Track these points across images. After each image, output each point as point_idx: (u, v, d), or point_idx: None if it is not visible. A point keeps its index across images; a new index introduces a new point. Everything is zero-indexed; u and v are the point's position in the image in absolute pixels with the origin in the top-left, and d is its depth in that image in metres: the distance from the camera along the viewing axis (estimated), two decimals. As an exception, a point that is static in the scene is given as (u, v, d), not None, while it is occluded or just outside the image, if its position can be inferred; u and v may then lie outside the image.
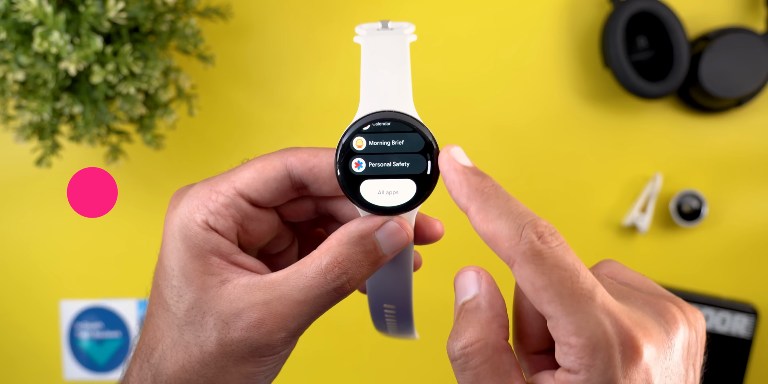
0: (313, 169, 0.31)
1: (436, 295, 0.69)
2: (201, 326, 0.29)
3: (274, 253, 0.35)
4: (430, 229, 0.32)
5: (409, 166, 0.29)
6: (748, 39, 0.62)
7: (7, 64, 0.53)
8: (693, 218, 0.66)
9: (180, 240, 0.30)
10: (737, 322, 0.66)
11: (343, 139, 0.29)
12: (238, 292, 0.29)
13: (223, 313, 0.29)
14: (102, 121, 0.57)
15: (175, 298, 0.30)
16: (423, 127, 0.29)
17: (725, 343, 0.66)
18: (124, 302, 0.71)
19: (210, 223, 0.30)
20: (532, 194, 0.68)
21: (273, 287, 0.29)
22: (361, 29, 0.31)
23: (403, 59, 0.30)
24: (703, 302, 0.66)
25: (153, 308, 0.31)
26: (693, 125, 0.67)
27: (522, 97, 0.68)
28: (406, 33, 0.31)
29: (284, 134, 0.69)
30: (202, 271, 0.30)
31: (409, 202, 0.29)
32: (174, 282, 0.30)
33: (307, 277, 0.29)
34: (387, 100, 0.29)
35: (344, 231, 0.29)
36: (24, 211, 0.71)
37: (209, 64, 0.62)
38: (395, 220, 0.30)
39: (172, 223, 0.30)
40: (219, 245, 0.30)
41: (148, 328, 0.31)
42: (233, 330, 0.29)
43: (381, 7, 0.68)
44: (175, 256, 0.30)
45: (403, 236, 0.30)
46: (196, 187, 0.31)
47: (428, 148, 0.29)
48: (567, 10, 0.67)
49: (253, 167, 0.31)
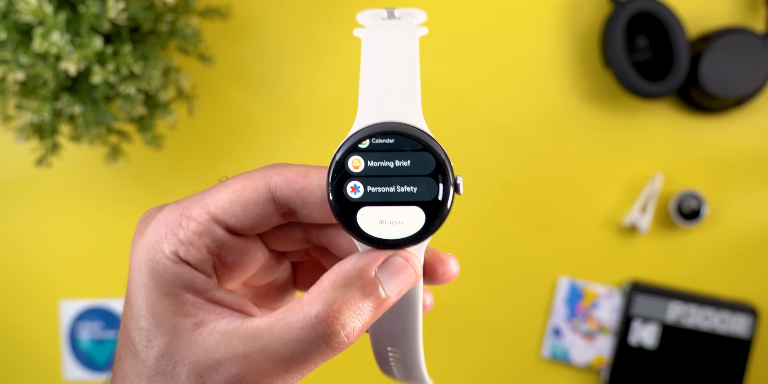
0: (301, 192, 0.26)
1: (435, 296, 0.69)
2: (173, 378, 0.25)
3: (261, 283, 0.31)
4: (442, 266, 0.27)
5: (417, 192, 0.24)
6: (748, 39, 0.62)
7: (7, 64, 0.53)
8: (693, 218, 0.66)
9: (147, 275, 0.25)
10: (737, 322, 0.66)
11: (336, 157, 0.24)
12: (214, 339, 0.25)
13: (198, 364, 0.25)
14: (102, 121, 0.57)
15: (143, 343, 0.25)
16: (434, 142, 0.24)
17: (725, 343, 0.66)
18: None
19: (180, 255, 0.26)
20: (532, 194, 0.68)
21: (254, 337, 0.24)
22: (363, 18, 0.27)
23: (410, 61, 0.25)
24: (703, 302, 0.66)
25: (121, 351, 0.27)
26: (693, 125, 0.67)
27: (522, 97, 0.68)
28: (414, 24, 0.26)
29: (284, 134, 0.69)
30: (173, 311, 0.25)
31: (416, 234, 0.24)
32: (142, 323, 0.25)
33: (294, 328, 0.24)
34: (390, 110, 0.25)
35: (339, 270, 0.25)
36: (24, 211, 0.71)
37: (209, 64, 0.62)
38: (400, 254, 0.25)
39: (138, 254, 0.26)
40: (192, 280, 0.26)
41: (116, 376, 0.27)
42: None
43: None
44: (143, 294, 0.25)
45: (411, 274, 0.25)
46: (165, 211, 0.26)
47: (440, 169, 0.24)
48: (567, 10, 0.67)
49: (230, 188, 0.26)
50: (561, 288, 0.68)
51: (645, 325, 0.66)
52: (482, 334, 0.69)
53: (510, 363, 0.69)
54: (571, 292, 0.67)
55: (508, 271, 0.69)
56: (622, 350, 0.66)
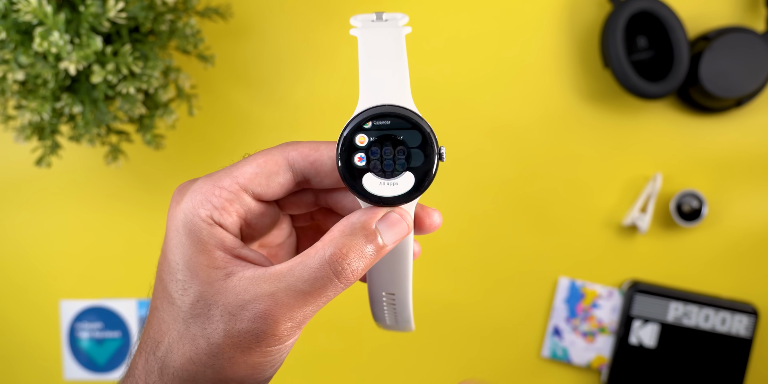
0: (315, 163, 0.31)
1: (436, 296, 0.69)
2: (207, 319, 0.30)
3: (274, 245, 0.36)
4: (428, 218, 0.33)
5: (408, 160, 0.30)
6: (748, 39, 0.62)
7: (7, 64, 0.53)
8: (693, 218, 0.66)
9: (185, 234, 0.30)
10: (737, 322, 0.66)
11: (344, 134, 0.30)
12: (243, 284, 0.30)
13: (229, 305, 0.29)
14: (102, 121, 0.57)
15: (180, 292, 0.30)
16: (422, 120, 0.30)
17: (725, 343, 0.66)
18: (124, 302, 0.71)
19: (214, 219, 0.31)
20: (532, 194, 0.68)
21: (278, 279, 0.29)
22: (356, 21, 0.32)
23: (399, 53, 0.30)
24: (703, 302, 0.66)
25: (157, 302, 0.31)
26: (693, 125, 0.67)
27: (522, 97, 0.68)
28: (400, 25, 0.31)
29: (284, 134, 0.69)
30: (207, 264, 0.30)
31: (407, 193, 0.30)
32: (179, 276, 0.30)
33: (311, 268, 0.29)
34: (385, 94, 0.30)
35: (346, 222, 0.30)
36: (24, 210, 0.71)
37: (209, 64, 0.62)
38: (396, 210, 0.31)
39: (176, 218, 0.31)
40: (223, 240, 0.30)
41: (152, 322, 0.31)
42: (240, 321, 0.29)
43: (380, 8, 0.68)
44: (180, 251, 0.30)
45: (404, 226, 0.31)
46: (199, 183, 0.32)
47: (426, 141, 0.30)
48: (567, 10, 0.67)
49: (255, 162, 0.32)
50: (561, 288, 0.68)
51: (645, 325, 0.66)
52: (482, 334, 0.69)
53: (510, 363, 0.69)
54: (571, 292, 0.67)
55: (508, 271, 0.69)
56: (622, 350, 0.66)
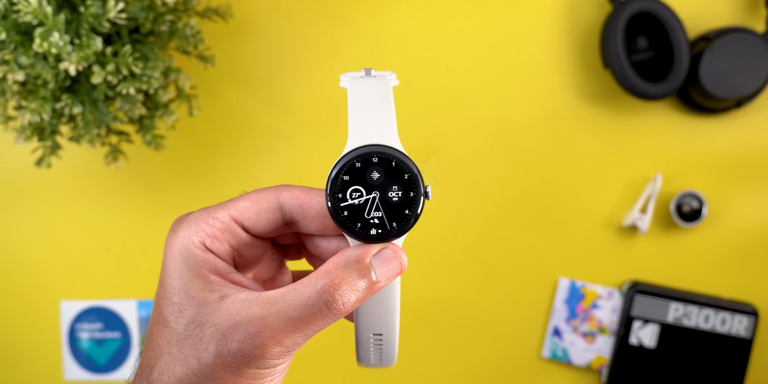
0: (303, 206, 0.32)
1: (436, 296, 0.69)
2: (199, 339, 0.30)
3: (266, 278, 0.37)
4: None
5: (396, 198, 0.31)
6: (748, 39, 0.62)
7: (7, 64, 0.53)
8: (693, 218, 0.66)
9: (181, 261, 0.31)
10: (737, 323, 0.66)
11: (332, 174, 0.31)
12: (236, 306, 0.30)
13: (221, 325, 0.30)
14: (102, 121, 0.57)
15: (175, 315, 0.31)
16: (408, 160, 0.31)
17: (725, 344, 0.66)
18: (124, 302, 0.71)
19: (207, 245, 0.32)
20: (532, 194, 0.68)
21: (270, 303, 0.30)
22: (345, 77, 0.33)
23: (387, 101, 0.32)
24: (703, 302, 0.66)
25: (153, 328, 0.32)
26: (693, 125, 0.67)
27: (522, 98, 0.68)
28: (389, 79, 0.32)
29: (284, 134, 0.69)
30: (202, 288, 0.31)
31: (394, 231, 0.31)
32: (175, 299, 0.31)
33: (303, 295, 0.30)
34: (373, 135, 0.31)
35: (341, 255, 0.31)
36: (24, 211, 0.71)
37: (209, 65, 0.62)
38: (390, 247, 0.31)
39: (172, 247, 0.32)
40: (216, 265, 0.32)
41: (147, 348, 0.32)
42: (230, 341, 0.30)
43: (380, 8, 0.68)
44: (177, 276, 0.31)
45: (397, 264, 0.31)
46: (195, 214, 0.33)
47: (412, 181, 0.31)
48: (567, 10, 0.67)
49: (248, 197, 0.33)
50: (561, 288, 0.68)
51: (645, 325, 0.66)
52: (482, 335, 0.69)
53: (510, 363, 0.69)
54: (571, 293, 0.67)
55: (509, 272, 0.69)
56: (622, 351, 0.66)
